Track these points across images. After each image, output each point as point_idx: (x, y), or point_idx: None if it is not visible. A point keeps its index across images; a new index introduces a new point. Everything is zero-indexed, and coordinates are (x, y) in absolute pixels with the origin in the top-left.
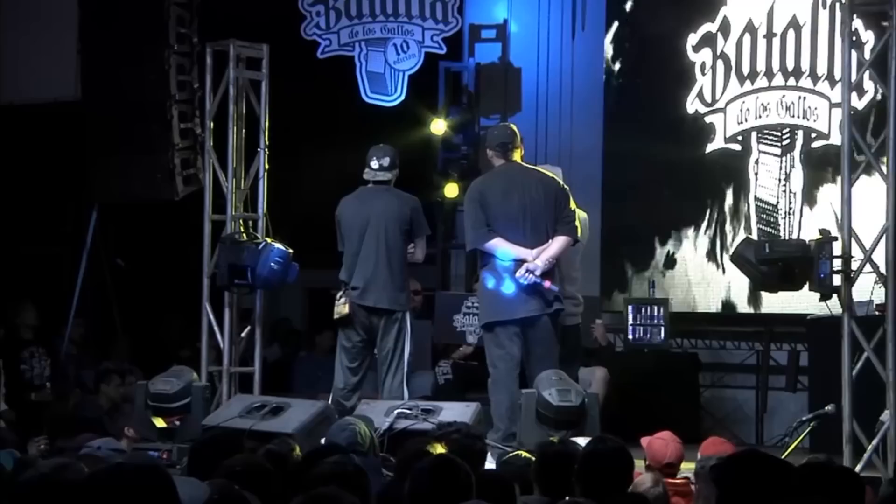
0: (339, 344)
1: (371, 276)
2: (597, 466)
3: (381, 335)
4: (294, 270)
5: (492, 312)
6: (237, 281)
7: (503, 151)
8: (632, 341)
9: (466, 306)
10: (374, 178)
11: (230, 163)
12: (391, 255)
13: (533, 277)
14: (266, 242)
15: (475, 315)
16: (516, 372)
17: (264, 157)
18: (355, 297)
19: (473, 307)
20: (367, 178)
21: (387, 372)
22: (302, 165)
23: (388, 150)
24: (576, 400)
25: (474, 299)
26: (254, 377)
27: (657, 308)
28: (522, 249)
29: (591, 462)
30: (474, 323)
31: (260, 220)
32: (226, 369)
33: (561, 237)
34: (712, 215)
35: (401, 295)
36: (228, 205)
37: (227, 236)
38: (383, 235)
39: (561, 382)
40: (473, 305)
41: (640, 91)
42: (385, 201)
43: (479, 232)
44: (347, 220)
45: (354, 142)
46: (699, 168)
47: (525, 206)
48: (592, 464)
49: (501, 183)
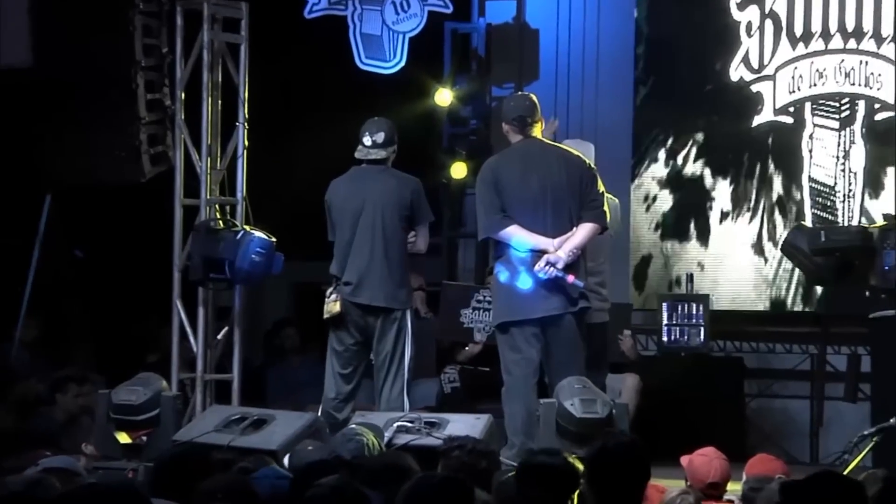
0: (329, 348)
1: (366, 269)
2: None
3: (378, 337)
4: (278, 263)
5: (506, 311)
6: (213, 275)
7: (521, 126)
8: (667, 344)
9: (477, 300)
10: (366, 156)
11: (204, 139)
12: (389, 245)
13: (554, 271)
14: (246, 231)
15: (486, 310)
16: (534, 379)
17: (243, 132)
18: (348, 294)
19: (485, 301)
20: (359, 156)
21: (384, 379)
22: (287, 142)
23: (384, 124)
24: (602, 411)
25: (487, 293)
26: (232, 385)
27: (695, 306)
28: (542, 238)
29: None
30: (485, 319)
31: (239, 204)
32: (200, 376)
33: (587, 224)
34: (759, 199)
35: (400, 291)
36: (203, 187)
37: (202, 224)
38: (380, 223)
39: (585, 391)
40: (485, 300)
41: (676, 56)
42: (381, 183)
43: (493, 218)
44: (338, 206)
45: (347, 115)
46: (744, 144)
47: (546, 189)
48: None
49: (519, 162)
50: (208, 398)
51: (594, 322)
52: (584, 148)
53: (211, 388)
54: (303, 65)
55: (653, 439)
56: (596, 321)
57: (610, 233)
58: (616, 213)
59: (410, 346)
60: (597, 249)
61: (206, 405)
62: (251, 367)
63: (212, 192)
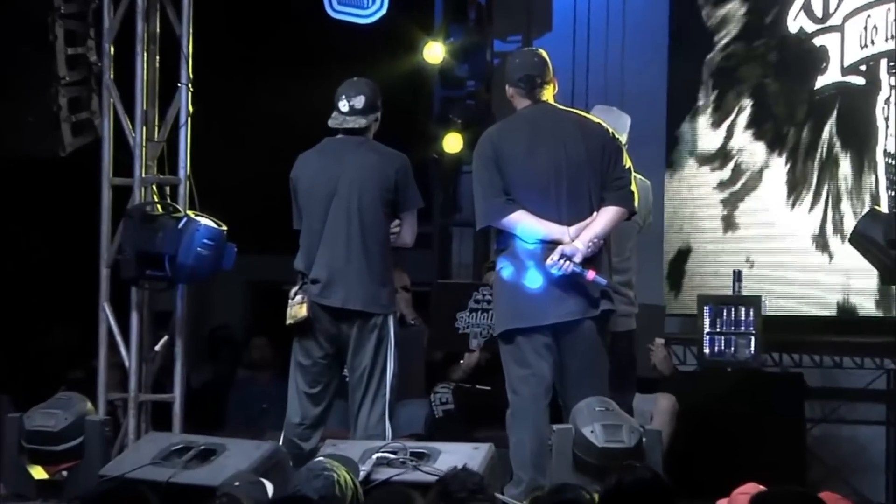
0: (293, 361)
1: (339, 265)
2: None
3: (354, 349)
4: (229, 256)
5: (511, 316)
6: (149, 272)
7: (528, 88)
8: (709, 356)
9: (475, 300)
10: (342, 125)
11: (139, 104)
12: (367, 235)
13: (571, 266)
14: (190, 217)
15: (486, 311)
16: (546, 400)
17: (187, 96)
18: (316, 295)
19: (485, 301)
20: (333, 125)
21: (361, 401)
22: (242, 109)
23: (364, 87)
24: (629, 440)
25: (487, 291)
26: (173, 408)
27: (745, 310)
28: (555, 226)
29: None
30: (482, 322)
31: (181, 185)
32: (133, 397)
33: (611, 208)
34: (822, 179)
35: (381, 292)
36: (136, 164)
37: (136, 209)
38: (356, 207)
39: (608, 415)
40: (485, 299)
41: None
42: (360, 159)
43: (494, 203)
44: (306, 186)
45: (316, 76)
46: (805, 111)
47: (559, 165)
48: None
49: (525, 132)
50: (143, 423)
51: (619, 330)
52: (615, 119)
53: (147, 412)
54: (261, 13)
55: (690, 474)
56: (621, 329)
57: (638, 220)
58: (647, 196)
59: (393, 359)
60: (622, 240)
61: (142, 432)
62: (196, 386)
63: (148, 170)
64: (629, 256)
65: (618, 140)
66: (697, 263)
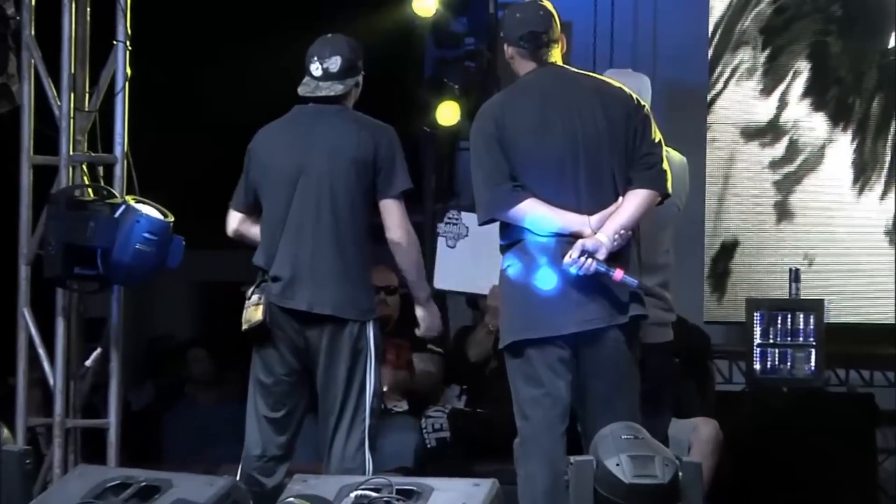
0: (252, 379)
1: (304, 260)
2: None
3: (325, 364)
4: (176, 252)
5: (522, 326)
6: (79, 270)
7: (533, 48)
8: (760, 373)
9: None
10: (314, 92)
11: (65, 66)
12: (341, 223)
13: (594, 264)
14: (129, 205)
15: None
16: (562, 426)
17: (125, 56)
18: (277, 296)
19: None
20: (303, 93)
21: (336, 427)
22: (193, 72)
23: (342, 45)
24: (662, 474)
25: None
26: (108, 435)
27: (804, 316)
28: (573, 216)
29: None
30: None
31: (118, 164)
32: (59, 422)
33: (639, 192)
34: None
35: (357, 294)
36: (63, 139)
37: (62, 193)
38: (328, 191)
39: (637, 444)
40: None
41: None
42: (335, 132)
43: (499, 190)
44: (264, 162)
45: (287, 33)
46: (876, 76)
47: (575, 142)
48: None
49: (533, 104)
50: (72, 454)
51: (652, 341)
52: (636, 83)
53: (76, 440)
54: None
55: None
56: (655, 340)
57: (677, 204)
58: (683, 177)
59: (374, 376)
60: (656, 230)
61: (70, 464)
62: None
63: (77, 146)
64: (666, 250)
65: (644, 108)
66: (745, 260)
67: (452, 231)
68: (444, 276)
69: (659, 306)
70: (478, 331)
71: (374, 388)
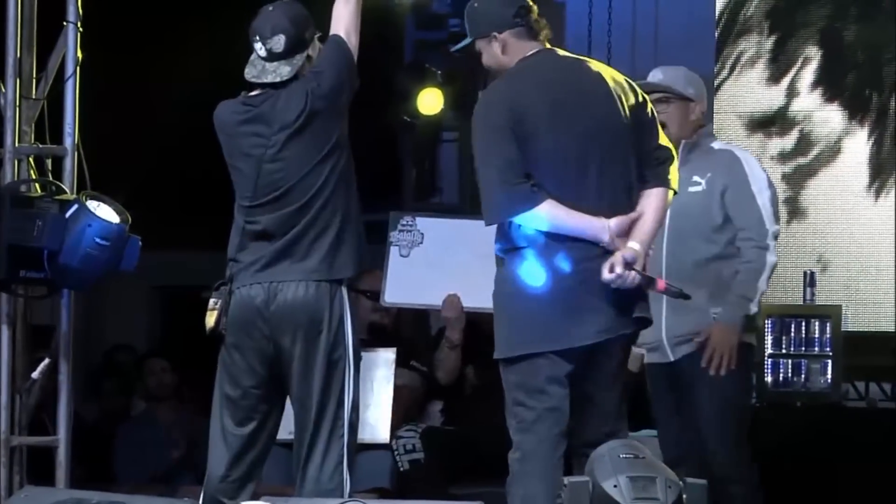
0: (217, 391)
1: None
2: None
3: (299, 372)
4: (132, 254)
5: (531, 337)
6: (25, 273)
7: (530, 23)
8: (772, 387)
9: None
10: (260, 77)
11: (10, 50)
12: (314, 201)
13: (636, 276)
14: (81, 205)
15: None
16: (564, 447)
17: (76, 39)
18: (243, 291)
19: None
20: (249, 78)
21: (311, 445)
22: (150, 55)
23: (282, 22)
24: (665, 498)
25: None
26: (57, 454)
27: (819, 324)
28: (591, 220)
29: None
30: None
31: (68, 157)
32: (4, 440)
33: (657, 190)
34: None
35: (334, 288)
36: (8, 129)
37: (7, 189)
38: (295, 166)
39: (637, 464)
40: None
41: None
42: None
43: (516, 190)
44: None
45: (249, 11)
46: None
47: (593, 136)
48: None
49: (546, 92)
50: (17, 475)
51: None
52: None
53: (21, 459)
54: None
55: None
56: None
57: None
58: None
59: (352, 386)
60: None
61: (15, 486)
62: (87, 425)
63: (23, 137)
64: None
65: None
66: None
67: (406, 239)
68: (396, 290)
69: None
70: (440, 349)
71: (353, 401)
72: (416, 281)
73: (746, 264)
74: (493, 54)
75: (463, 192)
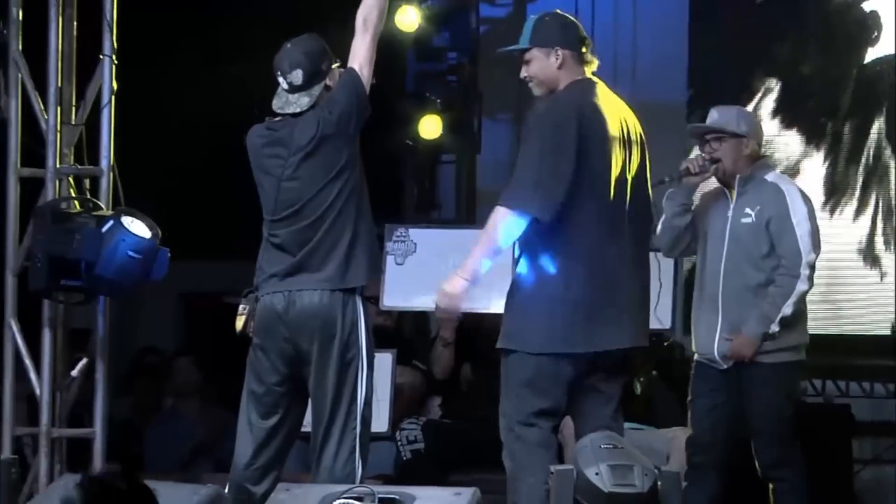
0: (245, 389)
1: (291, 259)
2: None
3: (317, 370)
4: (161, 265)
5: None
6: (65, 282)
7: (587, 53)
8: None
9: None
10: (284, 107)
11: (52, 80)
12: (329, 215)
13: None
14: (117, 221)
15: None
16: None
17: (111, 70)
18: (268, 298)
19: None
20: (276, 107)
21: (325, 436)
22: (179, 84)
23: (299, 58)
24: (641, 483)
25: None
26: (93, 445)
27: None
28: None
29: None
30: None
31: (104, 177)
32: (45, 432)
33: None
34: (870, 181)
35: (348, 297)
36: (50, 152)
37: (48, 206)
38: (310, 185)
39: (617, 453)
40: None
41: None
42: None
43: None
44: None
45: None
46: (849, 93)
47: (626, 170)
48: None
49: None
50: (58, 464)
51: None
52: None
53: (62, 450)
54: None
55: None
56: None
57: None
58: None
59: (366, 381)
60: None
61: (55, 474)
62: (121, 419)
63: (63, 159)
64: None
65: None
66: None
67: (401, 248)
68: (393, 295)
69: None
70: (434, 347)
71: (365, 396)
72: (411, 286)
73: (776, 288)
74: (548, 65)
75: (459, 208)
